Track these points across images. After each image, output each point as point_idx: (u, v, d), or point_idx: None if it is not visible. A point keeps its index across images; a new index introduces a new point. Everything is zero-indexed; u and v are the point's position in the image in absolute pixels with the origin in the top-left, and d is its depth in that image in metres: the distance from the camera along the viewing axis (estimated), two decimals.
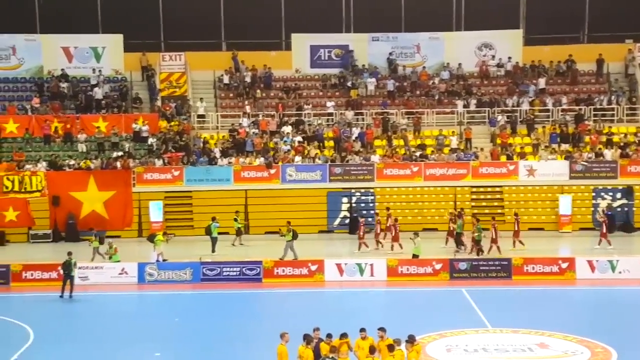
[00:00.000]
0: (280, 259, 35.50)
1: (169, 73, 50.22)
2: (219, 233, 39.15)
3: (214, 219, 39.18)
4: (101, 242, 37.22)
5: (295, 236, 36.28)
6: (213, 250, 38.39)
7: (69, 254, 32.29)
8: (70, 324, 28.78)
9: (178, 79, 50.20)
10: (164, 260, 35.66)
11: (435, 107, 49.80)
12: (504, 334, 25.66)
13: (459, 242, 38.74)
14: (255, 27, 53.12)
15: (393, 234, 38.51)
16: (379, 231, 39.59)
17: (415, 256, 35.05)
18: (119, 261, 34.42)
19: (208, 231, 38.86)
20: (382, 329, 20.14)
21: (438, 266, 34.44)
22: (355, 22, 53.95)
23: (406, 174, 44.63)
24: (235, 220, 41.02)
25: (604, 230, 38.93)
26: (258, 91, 50.87)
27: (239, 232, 40.97)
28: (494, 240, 37.54)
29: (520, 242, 38.78)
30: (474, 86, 51.72)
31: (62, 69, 50.76)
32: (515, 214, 40.01)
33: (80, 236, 42.52)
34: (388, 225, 39.50)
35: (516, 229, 39.15)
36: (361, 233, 38.64)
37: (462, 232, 38.74)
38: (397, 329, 20.52)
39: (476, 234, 37.07)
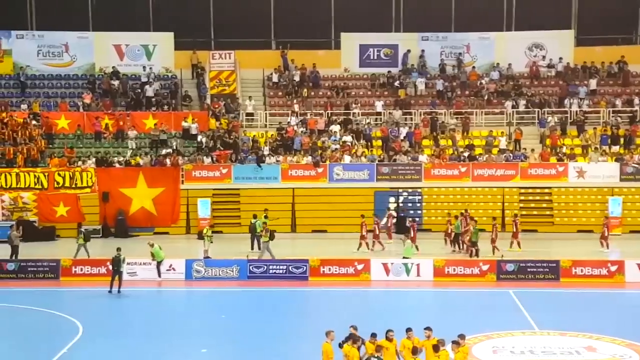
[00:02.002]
0: (258, 258, 35.82)
1: (218, 71, 50.55)
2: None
3: (255, 216, 39.56)
4: (86, 240, 36.82)
5: (272, 237, 36.36)
6: (252, 248, 38.57)
7: (118, 249, 32.68)
8: (118, 319, 29.10)
9: (227, 77, 50.51)
10: (206, 257, 35.87)
11: (484, 108, 49.44)
12: (551, 337, 25.37)
13: (456, 242, 38.60)
14: (305, 26, 53.22)
15: (412, 235, 38.22)
16: (377, 232, 39.19)
17: (405, 258, 34.81)
18: (162, 259, 34.54)
19: (253, 229, 39.08)
20: (428, 329, 20.07)
21: (485, 267, 34.19)
22: (404, 21, 53.78)
23: (454, 174, 44.37)
24: (266, 217, 41.34)
25: None
26: (306, 90, 50.95)
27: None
28: (492, 241, 37.32)
29: (518, 243, 38.46)
30: (523, 87, 51.22)
31: (114, 67, 51.39)
32: (515, 215, 39.83)
33: (129, 232, 43.03)
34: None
35: (515, 230, 38.82)
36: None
37: (460, 232, 38.44)
38: (443, 330, 20.43)
39: (472, 235, 36.70)
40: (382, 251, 38.25)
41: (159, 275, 34.10)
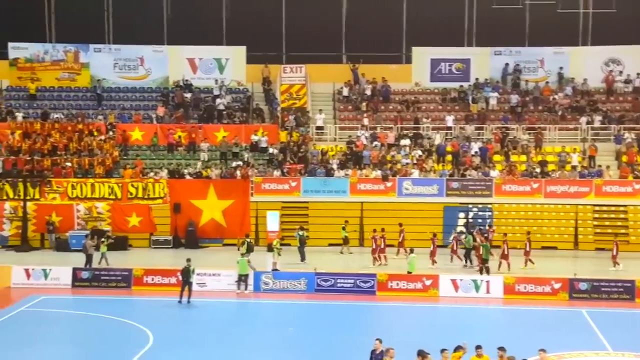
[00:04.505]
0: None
1: (289, 85, 50.88)
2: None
3: (301, 228, 40.11)
4: (97, 249, 37.66)
5: (250, 249, 36.03)
6: (303, 259, 38.83)
7: (188, 260, 32.99)
8: (187, 328, 29.35)
9: (298, 90, 50.77)
10: (275, 269, 36.03)
11: (557, 123, 48.67)
12: (626, 358, 24.76)
13: (467, 258, 38.32)
14: (376, 40, 53.22)
15: (432, 249, 38.17)
16: (383, 246, 38.89)
17: (409, 272, 34.65)
18: (246, 274, 34.44)
19: (302, 241, 39.37)
20: (501, 349, 19.77)
21: (557, 285, 33.58)
22: (477, 35, 53.37)
23: (526, 191, 43.73)
24: (343, 229, 41.57)
25: None
26: (373, 103, 50.89)
27: (345, 241, 41.50)
28: (504, 256, 36.88)
29: (531, 261, 37.76)
30: (599, 102, 50.29)
31: (187, 80, 52.13)
32: (528, 233, 39.16)
33: (199, 243, 43.49)
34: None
35: (527, 248, 38.07)
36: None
37: (471, 248, 38.07)
38: (513, 348, 20.14)
39: (483, 252, 36.14)
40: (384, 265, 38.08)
41: (238, 288, 34.33)
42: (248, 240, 36.98)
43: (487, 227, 41.06)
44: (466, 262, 38.47)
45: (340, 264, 38.73)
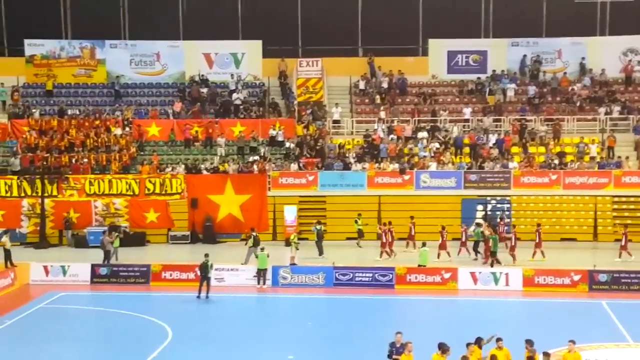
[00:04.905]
0: (243, 263, 35.86)
1: (305, 79, 50.80)
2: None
3: (318, 222, 40.14)
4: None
5: (256, 243, 36.13)
6: (320, 253, 38.79)
7: (206, 255, 33.02)
8: (206, 324, 29.43)
9: (314, 84, 50.70)
10: (293, 264, 35.99)
11: (576, 114, 48.33)
12: None
13: (476, 251, 38.20)
14: (392, 32, 52.95)
15: (440, 242, 38.09)
16: (391, 239, 38.71)
17: (420, 266, 34.64)
18: (265, 268, 34.44)
19: (319, 235, 39.33)
20: (528, 342, 19.73)
21: (577, 277, 33.38)
22: (494, 26, 53.08)
23: (544, 182, 43.44)
24: (356, 222, 41.47)
25: None
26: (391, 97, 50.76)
27: (360, 234, 41.39)
28: (511, 249, 36.84)
29: (542, 253, 37.52)
30: (617, 92, 49.88)
31: (203, 75, 52.13)
32: (538, 225, 38.84)
33: (217, 238, 43.51)
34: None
35: (538, 240, 37.85)
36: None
37: (479, 240, 37.95)
38: (534, 341, 19.99)
39: (492, 245, 35.96)
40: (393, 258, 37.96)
41: (258, 283, 34.32)
42: (254, 234, 36.90)
43: (497, 220, 40.78)
44: (476, 254, 38.22)
45: (355, 257, 38.62)
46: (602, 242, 41.99)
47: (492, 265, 35.51)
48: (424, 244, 35.85)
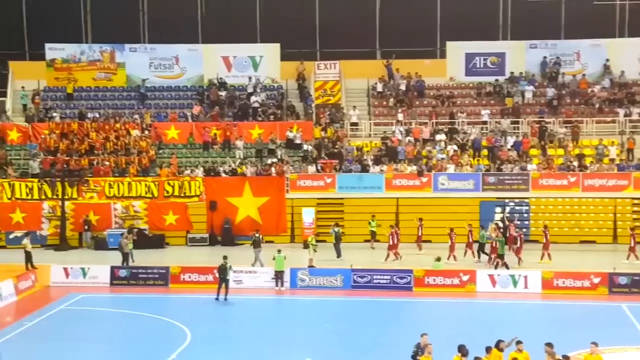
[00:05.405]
0: (252, 264, 36.08)
1: (323, 81, 50.92)
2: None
3: (336, 224, 40.25)
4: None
5: (256, 244, 36.50)
6: (338, 255, 38.83)
7: (225, 258, 33.16)
8: (225, 326, 29.52)
9: (332, 87, 50.81)
10: (311, 266, 36.05)
11: (595, 116, 48.14)
12: None
13: (479, 253, 38.05)
14: (410, 35, 53.01)
15: (450, 243, 37.97)
16: (397, 242, 38.47)
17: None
18: (282, 270, 34.55)
19: (337, 237, 39.34)
20: (549, 344, 19.69)
21: (596, 280, 33.23)
22: (512, 28, 52.96)
23: (563, 185, 43.27)
24: (370, 223, 41.47)
25: None
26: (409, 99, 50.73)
27: (373, 235, 41.52)
28: (517, 251, 36.72)
29: (549, 255, 37.33)
30: (637, 94, 49.64)
31: (221, 78, 52.32)
32: (545, 227, 38.63)
33: (235, 241, 43.64)
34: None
35: (545, 241, 37.68)
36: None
37: (485, 242, 37.77)
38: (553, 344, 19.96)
39: (499, 247, 35.75)
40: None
41: (276, 285, 34.41)
42: (257, 235, 37.06)
43: (507, 222, 40.54)
44: (479, 257, 38.08)
45: (372, 259, 38.60)
46: (622, 244, 41.70)
47: (496, 267, 35.37)
48: (438, 259, 35.81)
